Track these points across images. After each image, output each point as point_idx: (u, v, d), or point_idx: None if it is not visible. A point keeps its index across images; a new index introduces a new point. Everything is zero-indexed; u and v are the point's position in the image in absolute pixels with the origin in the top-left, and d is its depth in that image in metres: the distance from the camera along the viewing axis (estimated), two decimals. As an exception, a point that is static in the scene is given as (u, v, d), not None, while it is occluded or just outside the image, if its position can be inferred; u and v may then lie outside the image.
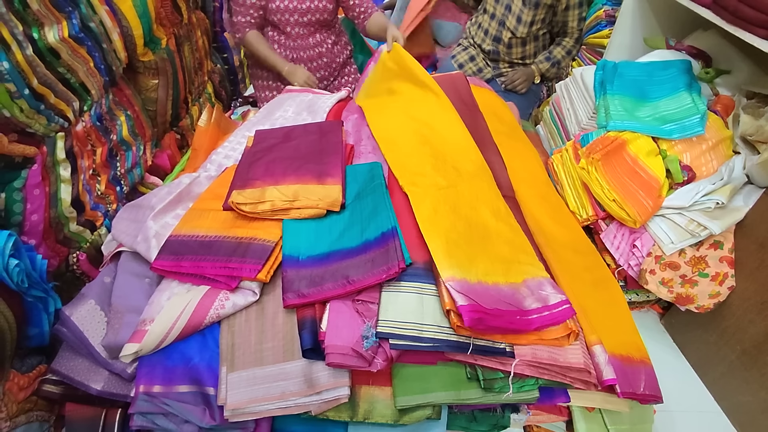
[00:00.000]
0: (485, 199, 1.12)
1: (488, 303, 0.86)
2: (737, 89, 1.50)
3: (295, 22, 1.70)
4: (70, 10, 1.15)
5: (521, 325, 0.87)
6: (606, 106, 1.49)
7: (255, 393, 0.87)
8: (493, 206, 1.10)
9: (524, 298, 0.92)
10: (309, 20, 1.71)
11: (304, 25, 1.72)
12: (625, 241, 1.37)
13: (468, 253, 0.96)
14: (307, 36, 1.75)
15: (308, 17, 1.70)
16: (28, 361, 0.97)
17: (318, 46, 1.79)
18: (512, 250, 1.02)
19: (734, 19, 1.26)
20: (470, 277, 0.91)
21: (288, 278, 0.96)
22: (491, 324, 0.85)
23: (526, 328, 0.88)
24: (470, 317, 0.83)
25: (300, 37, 1.74)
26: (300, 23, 1.71)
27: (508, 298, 0.90)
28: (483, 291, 0.89)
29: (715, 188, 1.28)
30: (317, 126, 1.39)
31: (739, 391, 1.27)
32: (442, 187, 1.12)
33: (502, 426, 0.97)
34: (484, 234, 1.03)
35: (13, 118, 1.01)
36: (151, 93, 1.58)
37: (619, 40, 1.85)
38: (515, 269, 0.97)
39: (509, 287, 0.92)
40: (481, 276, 0.92)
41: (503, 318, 0.86)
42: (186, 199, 1.20)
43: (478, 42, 2.06)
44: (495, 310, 0.86)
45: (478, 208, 1.09)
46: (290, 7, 1.66)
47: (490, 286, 0.91)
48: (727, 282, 1.27)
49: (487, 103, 1.63)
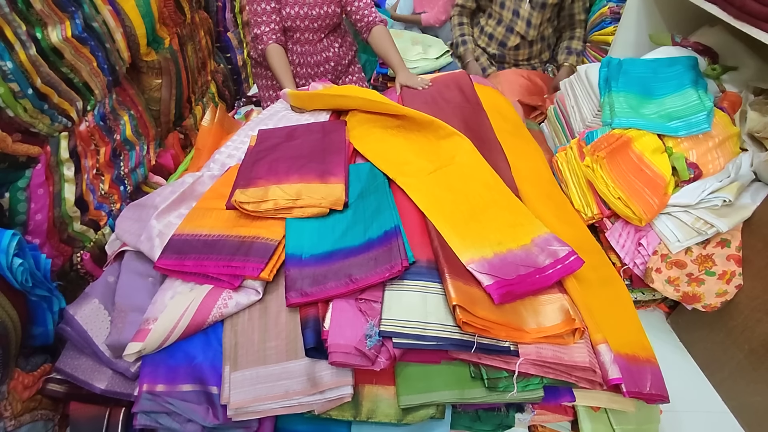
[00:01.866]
0: (472, 172, 1.17)
1: (509, 273, 0.90)
2: (744, 86, 1.48)
3: (305, 28, 1.72)
4: (73, 9, 1.15)
5: (542, 282, 0.91)
6: (611, 104, 1.48)
7: (258, 392, 0.87)
8: (482, 178, 1.15)
9: (537, 256, 0.95)
10: (319, 26, 1.73)
11: (313, 31, 1.74)
12: (630, 239, 1.36)
13: (477, 229, 1.00)
14: (315, 42, 1.77)
15: (318, 23, 1.72)
16: (32, 360, 0.97)
17: (325, 50, 1.81)
18: (512, 214, 1.06)
19: (741, 14, 1.24)
20: (486, 253, 0.94)
21: (291, 277, 0.96)
22: (517, 291, 0.89)
23: (546, 284, 0.92)
24: (498, 294, 0.86)
25: (308, 43, 1.76)
26: (310, 29, 1.73)
27: (523, 260, 0.94)
28: (501, 262, 0.92)
29: (722, 186, 1.27)
30: (320, 125, 1.39)
31: (747, 391, 1.25)
32: (430, 171, 1.16)
33: (506, 425, 0.96)
34: (484, 205, 1.08)
35: (16, 117, 1.01)
36: (155, 93, 1.58)
37: (623, 37, 1.83)
38: (521, 231, 1.00)
39: (521, 250, 0.96)
40: (495, 248, 0.96)
41: (525, 282, 0.90)
42: (189, 198, 1.20)
43: (482, 45, 2.05)
44: (517, 278, 0.90)
45: (469, 182, 1.14)
46: (301, 14, 1.68)
47: (506, 255, 0.95)
48: (735, 280, 1.25)
49: (491, 101, 1.62)
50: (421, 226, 1.06)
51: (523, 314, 0.92)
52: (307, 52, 1.78)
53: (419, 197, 1.09)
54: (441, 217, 1.02)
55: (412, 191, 1.11)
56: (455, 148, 1.25)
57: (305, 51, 1.77)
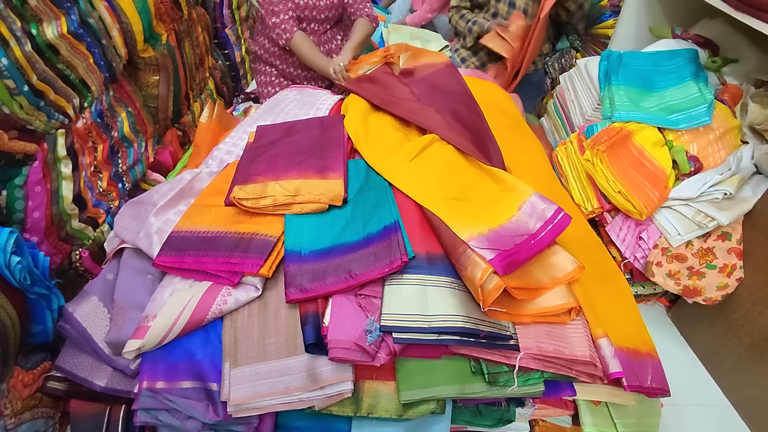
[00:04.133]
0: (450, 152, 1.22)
1: (507, 245, 0.92)
2: (745, 78, 1.47)
3: (313, 18, 1.75)
4: (68, 5, 1.14)
5: (537, 247, 0.93)
6: (611, 97, 1.47)
7: (258, 388, 0.87)
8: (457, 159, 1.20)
9: (527, 222, 0.97)
10: (326, 17, 1.77)
11: (320, 21, 1.78)
12: (631, 233, 1.35)
13: (469, 208, 1.02)
14: (321, 33, 1.80)
15: (326, 14, 1.76)
16: (32, 358, 0.97)
17: (328, 42, 1.85)
18: (496, 185, 1.10)
19: (742, 5, 1.23)
20: (482, 229, 0.95)
21: (290, 273, 0.96)
22: (518, 260, 0.91)
23: (542, 247, 0.93)
24: (502, 265, 0.88)
25: (314, 33, 1.80)
26: (317, 20, 1.77)
27: (517, 230, 0.95)
28: (496, 236, 0.94)
29: (722, 179, 1.26)
30: (319, 121, 1.38)
31: (748, 384, 1.25)
32: (413, 156, 1.20)
33: (507, 420, 0.96)
34: (468, 183, 1.11)
35: (13, 115, 1.01)
36: (152, 89, 1.57)
37: (623, 30, 1.82)
38: (507, 202, 1.02)
39: (512, 220, 0.98)
40: (489, 223, 0.97)
41: (523, 250, 0.91)
42: (188, 195, 1.19)
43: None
44: (515, 247, 0.91)
45: (453, 159, 1.18)
46: (310, 4, 1.71)
47: (498, 229, 0.96)
48: (736, 273, 1.25)
49: (491, 95, 1.62)
50: (420, 219, 1.06)
51: (535, 274, 0.94)
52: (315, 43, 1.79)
53: (406, 184, 1.11)
54: (432, 200, 1.04)
55: (397, 177, 1.14)
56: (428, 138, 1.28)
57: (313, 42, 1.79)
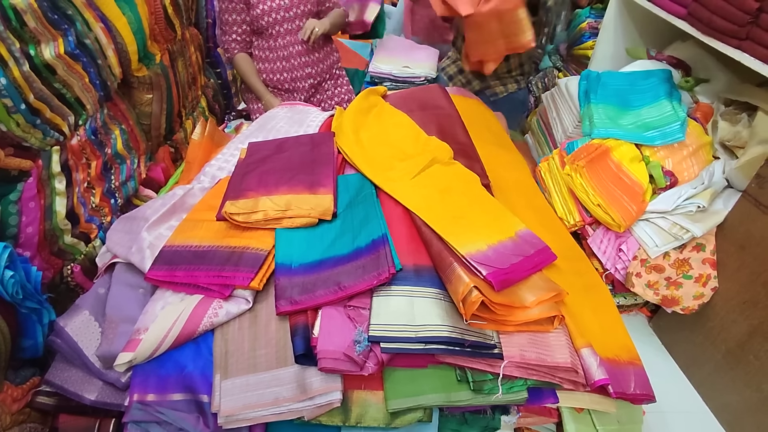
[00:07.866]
0: (452, 171, 1.25)
1: (504, 263, 0.96)
2: (716, 97, 1.55)
3: (282, 19, 1.75)
4: (66, 27, 1.18)
5: (530, 269, 0.99)
6: (590, 115, 1.53)
7: (248, 399, 0.88)
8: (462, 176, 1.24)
9: (522, 246, 1.02)
10: (295, 14, 1.76)
11: (290, 20, 1.76)
12: (611, 245, 1.40)
13: (468, 226, 1.06)
14: (294, 32, 1.78)
15: (293, 11, 1.76)
16: (21, 372, 0.97)
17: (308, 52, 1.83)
18: (495, 208, 1.15)
19: (708, 29, 1.31)
20: (482, 246, 1.00)
21: (280, 286, 0.98)
22: (512, 279, 0.95)
23: (534, 270, 1.00)
24: (497, 281, 0.92)
25: (289, 33, 1.78)
26: (286, 19, 1.76)
27: (513, 250, 1.01)
28: (495, 253, 0.99)
29: (696, 192, 1.32)
30: (309, 137, 1.42)
31: (725, 390, 1.29)
32: (415, 174, 1.23)
33: (492, 428, 0.98)
34: (469, 202, 1.15)
35: (9, 132, 1.03)
36: (146, 107, 1.60)
37: (602, 51, 1.90)
38: (506, 224, 1.09)
39: (509, 241, 1.04)
40: (488, 240, 1.02)
41: (518, 269, 0.97)
42: (180, 210, 1.21)
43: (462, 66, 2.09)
44: (511, 266, 0.96)
45: (453, 181, 1.22)
46: (273, 6, 1.73)
47: (497, 246, 1.01)
48: (710, 283, 1.30)
49: (475, 113, 1.67)
50: (407, 233, 1.09)
51: (518, 293, 0.98)
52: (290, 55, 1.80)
53: (409, 200, 1.14)
54: (435, 217, 1.08)
55: (400, 194, 1.16)
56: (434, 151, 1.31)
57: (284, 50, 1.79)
